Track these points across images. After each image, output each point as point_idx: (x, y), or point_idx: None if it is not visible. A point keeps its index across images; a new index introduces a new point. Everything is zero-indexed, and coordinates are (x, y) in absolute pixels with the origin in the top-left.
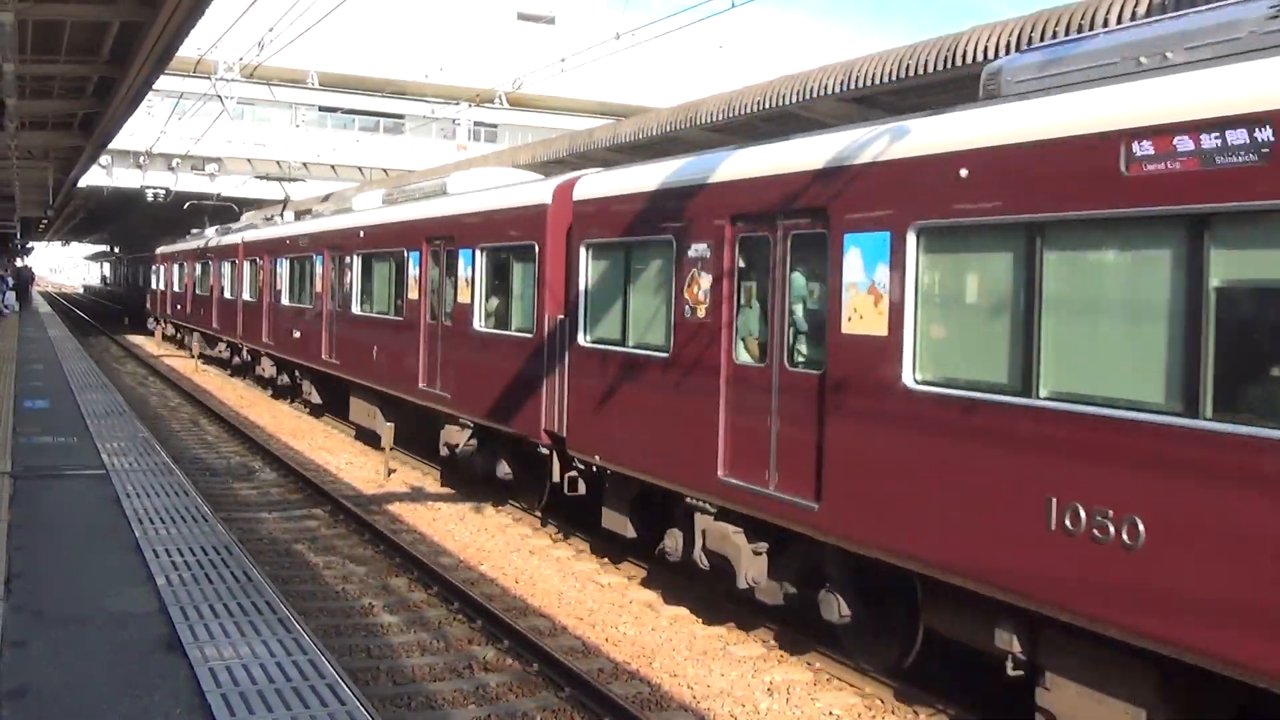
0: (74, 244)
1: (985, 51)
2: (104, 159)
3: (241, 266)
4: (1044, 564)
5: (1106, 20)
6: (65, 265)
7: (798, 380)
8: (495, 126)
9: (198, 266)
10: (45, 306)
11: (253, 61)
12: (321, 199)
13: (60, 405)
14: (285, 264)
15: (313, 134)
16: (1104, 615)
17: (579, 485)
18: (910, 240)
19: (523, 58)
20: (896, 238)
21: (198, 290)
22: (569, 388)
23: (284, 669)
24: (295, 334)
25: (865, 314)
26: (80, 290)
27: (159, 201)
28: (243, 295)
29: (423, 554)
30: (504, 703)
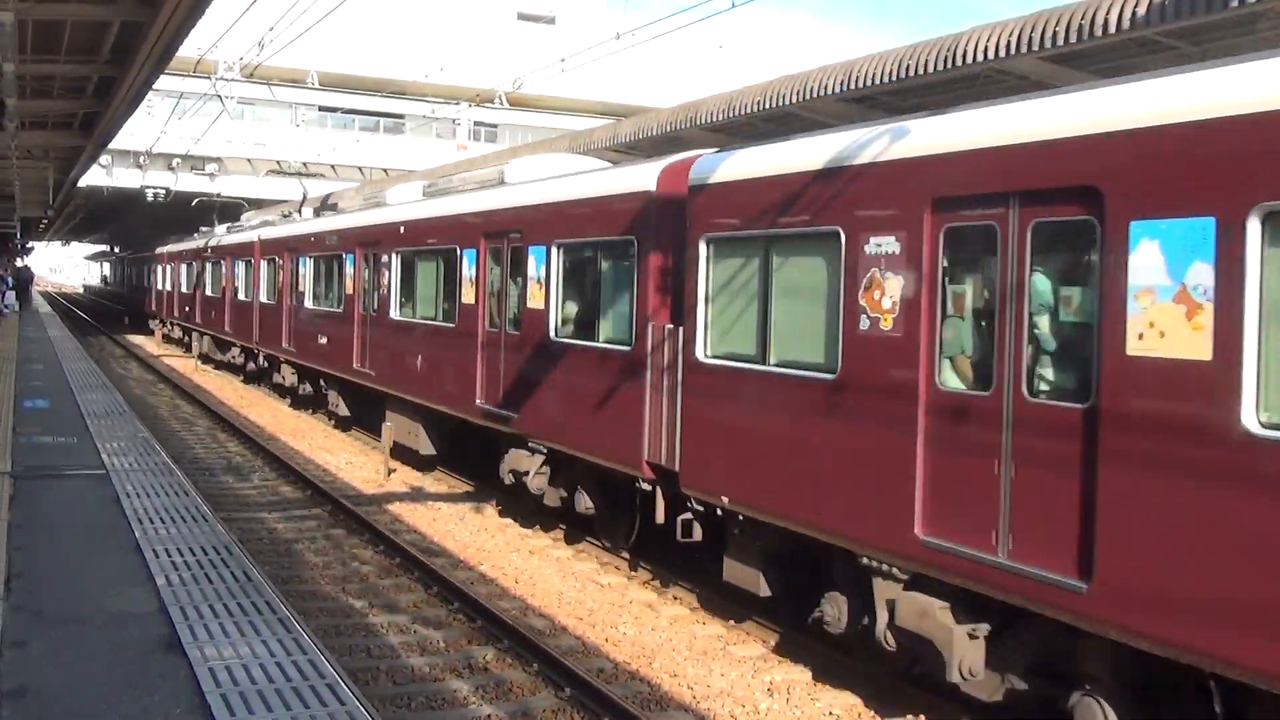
0: (74, 244)
1: (985, 51)
2: (104, 159)
3: (257, 266)
4: None
5: (1106, 21)
6: (65, 265)
7: (1046, 415)
8: (495, 126)
9: (207, 266)
10: (45, 306)
11: (253, 61)
12: (322, 198)
13: (60, 405)
14: (308, 263)
15: (313, 134)
16: None
17: (693, 530)
18: (1253, 229)
19: (523, 58)
20: (1227, 226)
21: (208, 291)
22: (683, 413)
23: (284, 669)
24: (321, 340)
25: (1170, 330)
26: (80, 290)
27: (159, 201)
28: (259, 297)
29: (423, 554)
30: (504, 703)
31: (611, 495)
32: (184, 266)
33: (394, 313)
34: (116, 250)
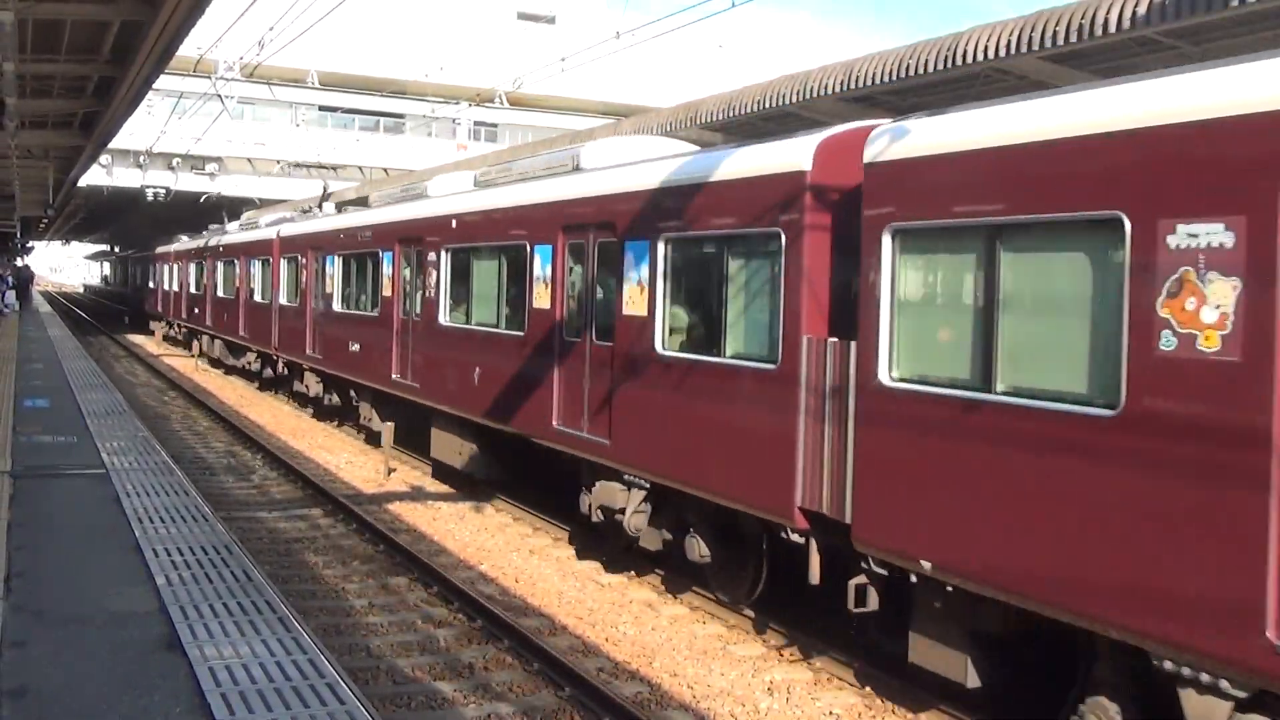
0: (74, 243)
1: (985, 51)
2: (104, 158)
3: (276, 265)
4: None
5: (1107, 20)
6: (65, 265)
7: None
8: (495, 126)
9: (219, 265)
10: (45, 306)
11: (253, 61)
12: (348, 191)
13: (60, 404)
14: (336, 262)
15: (313, 133)
16: None
17: (868, 597)
18: None
19: (523, 57)
20: None
21: (220, 292)
22: (859, 450)
23: (284, 668)
24: (352, 347)
25: None
26: (80, 290)
27: (159, 201)
28: (278, 298)
29: (422, 553)
30: (504, 702)
31: (733, 541)
32: (192, 266)
33: (443, 318)
34: (117, 250)
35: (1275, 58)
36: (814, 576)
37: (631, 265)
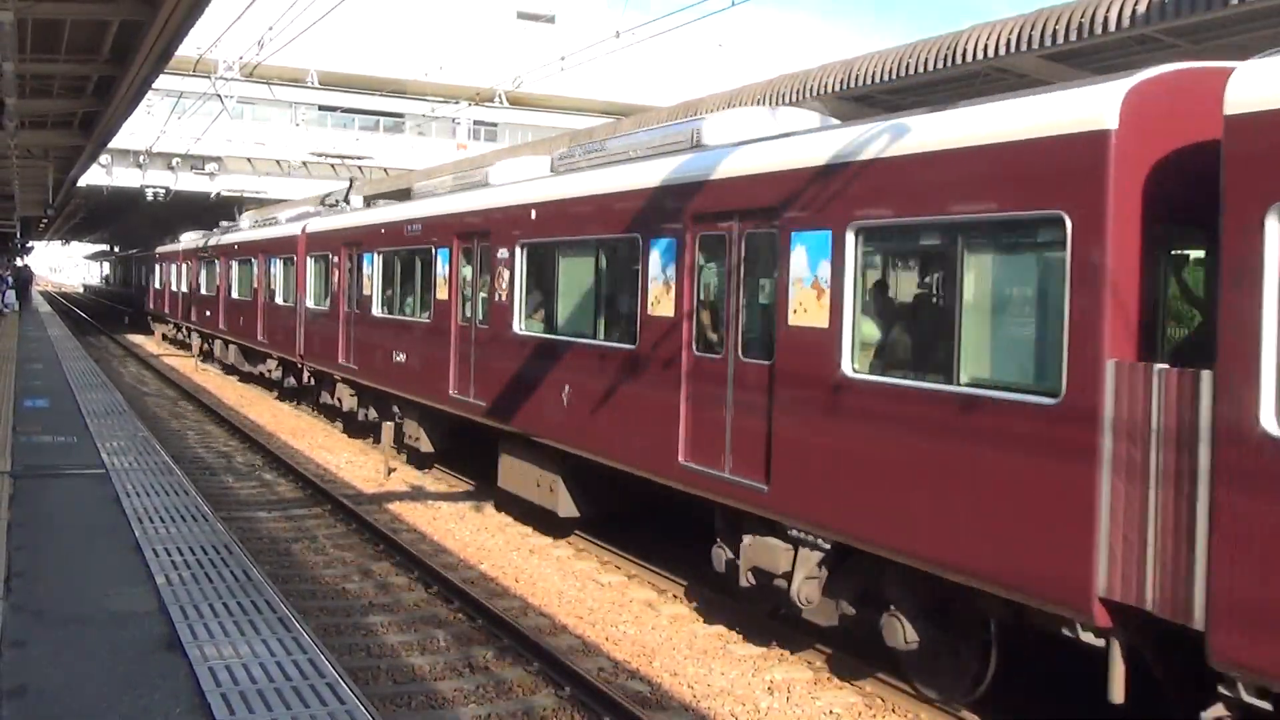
0: (74, 243)
1: (985, 50)
2: (104, 158)
3: (302, 264)
4: None
5: (1106, 19)
6: (65, 265)
7: None
8: (495, 125)
9: (233, 265)
10: (45, 306)
11: (252, 60)
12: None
13: (60, 404)
14: (376, 260)
15: (313, 133)
16: None
17: None
18: None
19: (523, 56)
20: None
21: (234, 294)
22: (1227, 526)
23: (284, 668)
24: (397, 357)
25: None
26: (80, 290)
27: (159, 200)
28: (305, 301)
29: (423, 552)
30: (504, 702)
31: (949, 622)
32: (203, 265)
33: (519, 326)
34: (117, 250)
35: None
36: (1116, 693)
37: (802, 262)
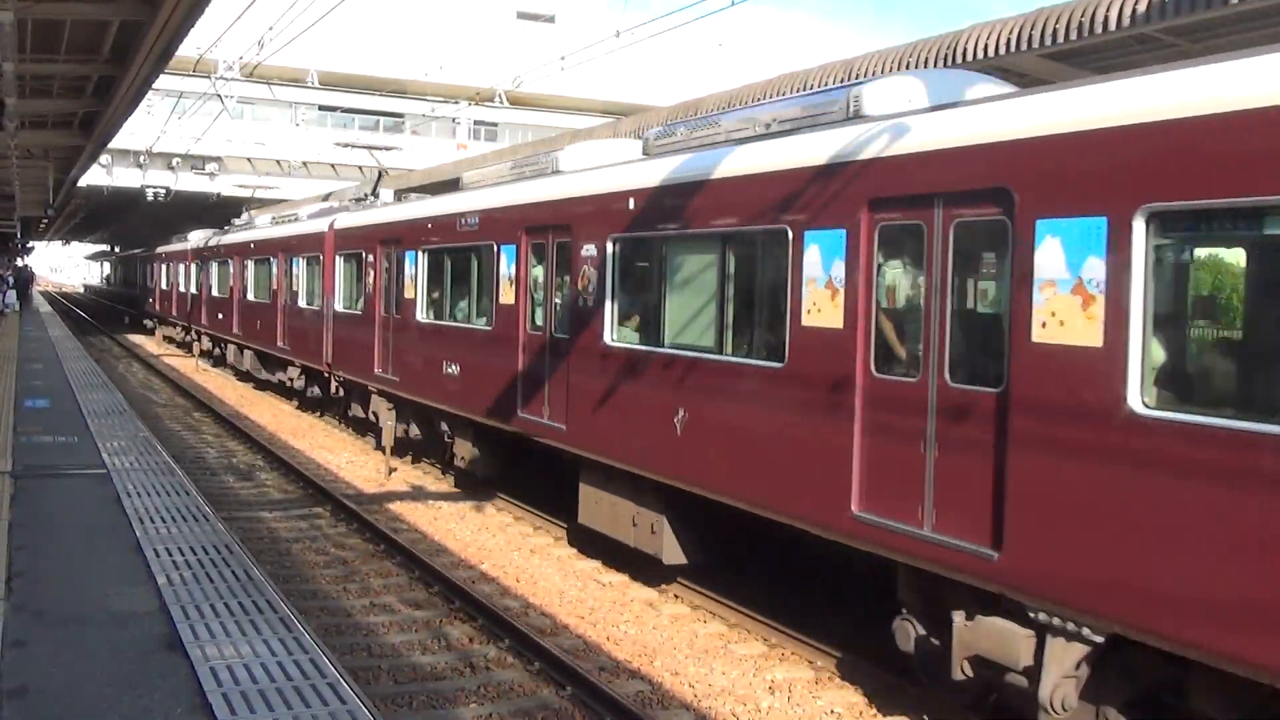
0: (74, 243)
1: (986, 49)
2: (104, 158)
3: (330, 264)
4: None
5: (1107, 18)
6: (65, 265)
7: None
8: (495, 125)
9: (249, 264)
10: (45, 306)
11: (253, 60)
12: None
13: (61, 404)
14: (421, 260)
15: (313, 133)
16: None
17: None
18: None
19: (523, 56)
20: None
21: (250, 295)
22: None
23: (285, 668)
24: (448, 369)
25: None
26: (81, 290)
27: (159, 201)
28: (333, 304)
29: (423, 552)
30: (505, 701)
31: None
32: (215, 265)
33: (610, 336)
34: (118, 249)
35: None
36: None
37: (1054, 259)
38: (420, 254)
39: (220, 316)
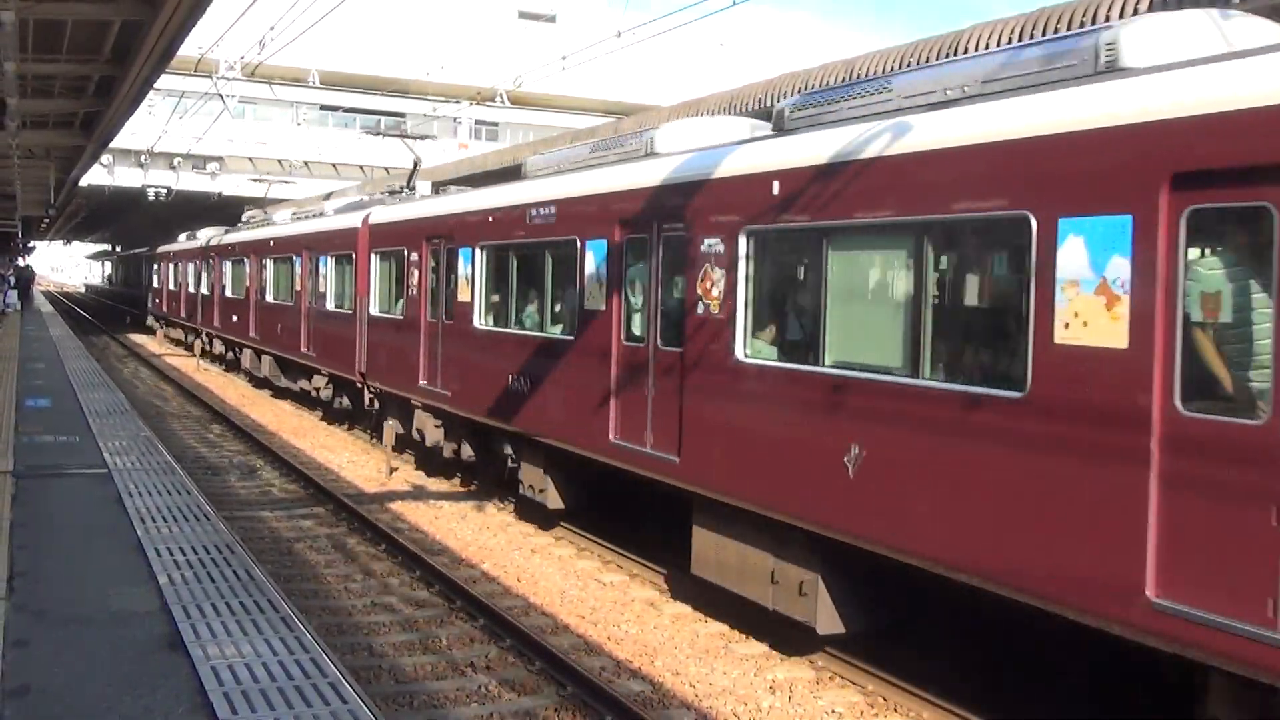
0: (75, 243)
1: (986, 49)
2: (105, 158)
3: (364, 263)
4: None
5: (1109, 17)
6: (66, 264)
7: None
8: (496, 125)
9: (267, 263)
10: (47, 306)
11: (254, 60)
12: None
13: (62, 404)
14: (479, 257)
15: (314, 133)
16: None
17: None
18: None
19: (524, 56)
20: None
21: (269, 297)
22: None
23: (286, 667)
24: (515, 384)
25: None
26: (82, 289)
27: (161, 200)
28: (367, 307)
29: (424, 552)
30: (506, 701)
31: None
32: (228, 264)
33: (742, 352)
34: (119, 249)
35: None
36: None
37: None
38: (477, 251)
39: (235, 319)
